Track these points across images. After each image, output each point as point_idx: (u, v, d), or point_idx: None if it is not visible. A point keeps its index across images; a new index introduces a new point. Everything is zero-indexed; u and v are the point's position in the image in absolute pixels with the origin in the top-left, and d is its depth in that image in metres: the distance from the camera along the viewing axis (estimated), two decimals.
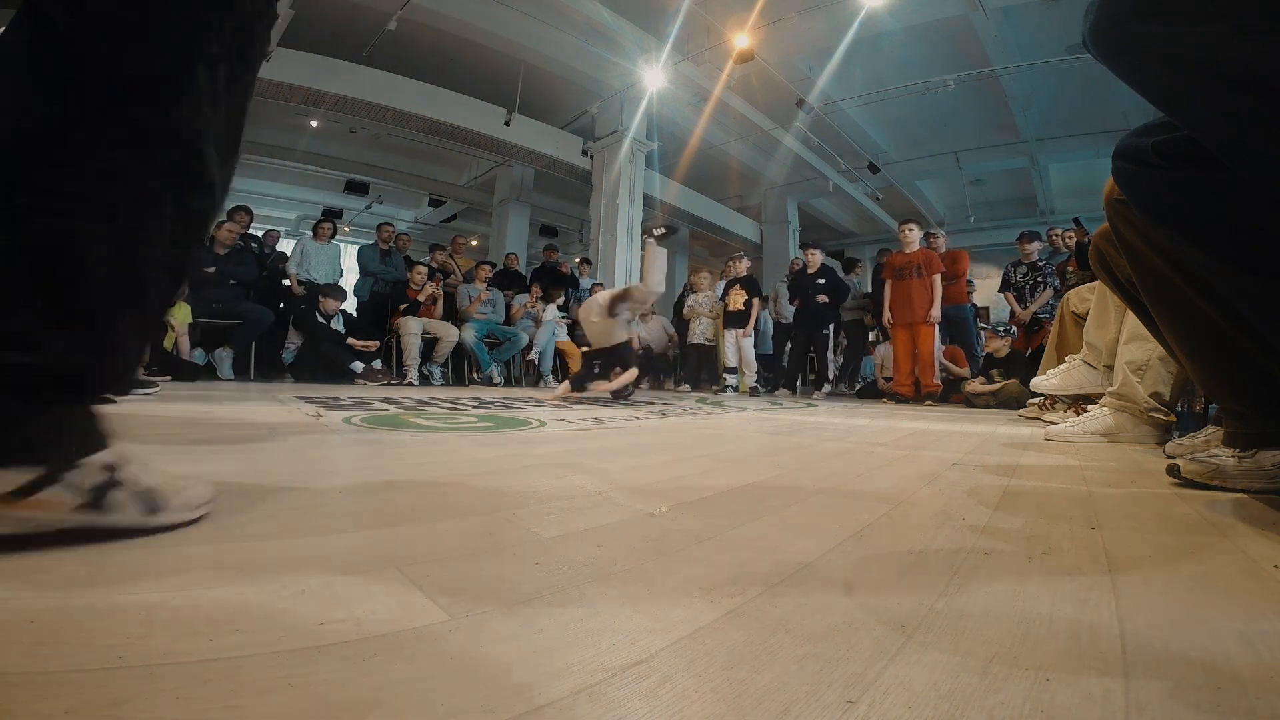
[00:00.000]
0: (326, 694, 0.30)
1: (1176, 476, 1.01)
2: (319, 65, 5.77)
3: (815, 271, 5.84)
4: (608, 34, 6.25)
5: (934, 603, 0.45)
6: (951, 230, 9.53)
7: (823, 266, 5.93)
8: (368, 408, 2.16)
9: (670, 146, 8.28)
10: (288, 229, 10.52)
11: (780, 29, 5.97)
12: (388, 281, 5.43)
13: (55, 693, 0.28)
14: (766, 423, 2.31)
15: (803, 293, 5.87)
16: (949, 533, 0.67)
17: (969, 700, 0.31)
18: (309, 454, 1.11)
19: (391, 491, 0.80)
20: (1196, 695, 0.32)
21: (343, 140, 8.12)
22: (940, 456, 1.38)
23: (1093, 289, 2.31)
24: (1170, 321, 1.01)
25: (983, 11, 5.59)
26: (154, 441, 1.18)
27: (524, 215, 9.17)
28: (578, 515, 0.71)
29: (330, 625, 0.38)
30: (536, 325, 5.69)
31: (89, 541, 0.49)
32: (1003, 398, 4.23)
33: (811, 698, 0.31)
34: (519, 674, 0.33)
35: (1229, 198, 0.67)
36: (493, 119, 6.94)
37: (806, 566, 0.54)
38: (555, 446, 1.35)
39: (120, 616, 0.37)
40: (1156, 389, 1.75)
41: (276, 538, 0.56)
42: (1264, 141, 0.55)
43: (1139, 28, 0.56)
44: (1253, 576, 0.54)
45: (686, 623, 0.41)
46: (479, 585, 0.46)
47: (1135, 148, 0.74)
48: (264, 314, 4.42)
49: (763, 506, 0.79)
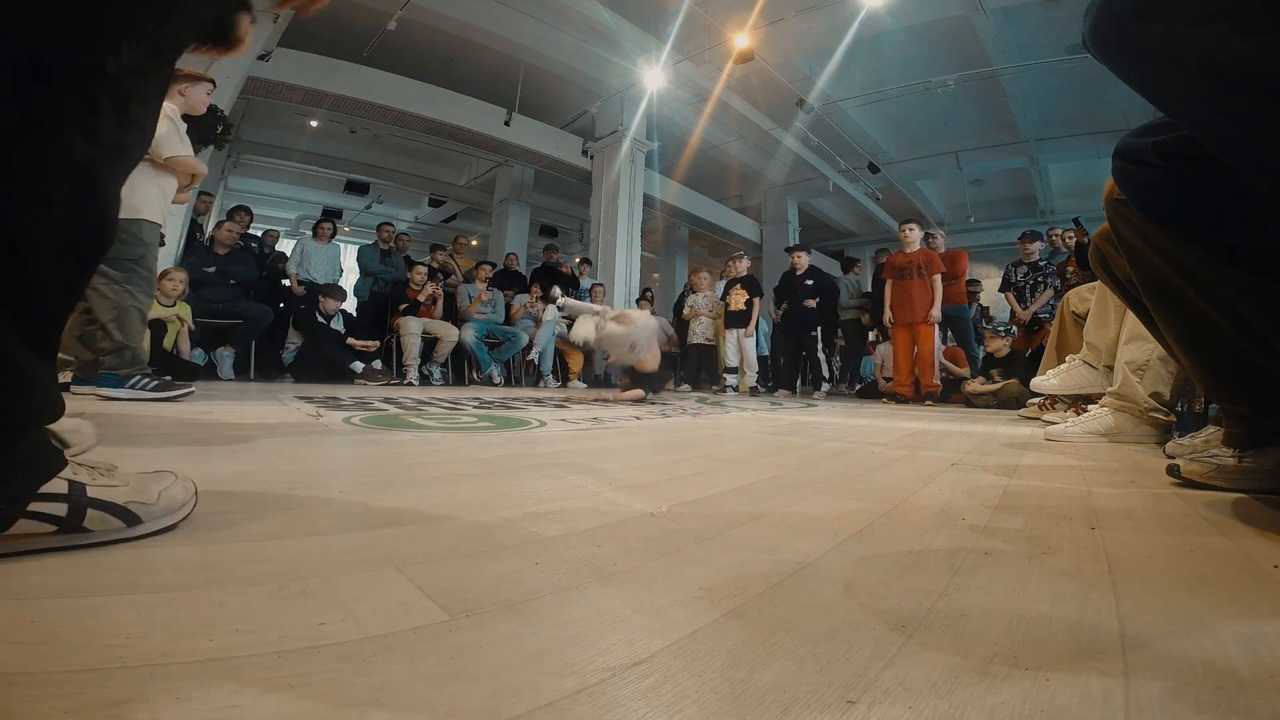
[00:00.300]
0: (326, 694, 0.30)
1: (1176, 476, 1.01)
2: (319, 65, 5.77)
3: (803, 273, 5.82)
4: (608, 34, 6.25)
5: (934, 603, 0.45)
6: (951, 230, 9.54)
7: (811, 268, 5.91)
8: (368, 408, 2.16)
9: (670, 146, 8.28)
10: (288, 229, 10.53)
11: (780, 29, 5.97)
12: (388, 281, 5.44)
13: (55, 693, 0.28)
14: (766, 423, 2.31)
15: (790, 295, 5.84)
16: (949, 533, 0.67)
17: (969, 700, 0.31)
18: (309, 454, 1.11)
19: (391, 491, 0.80)
20: (1196, 695, 0.32)
21: (343, 140, 8.12)
22: (940, 456, 1.38)
23: (1093, 289, 2.31)
24: (1170, 321, 1.01)
25: (983, 11, 5.59)
26: (154, 442, 1.18)
27: (524, 215, 9.17)
28: (578, 515, 0.71)
29: (330, 625, 0.38)
30: (536, 325, 5.69)
31: (86, 545, 0.49)
32: (1003, 398, 4.24)
33: (811, 698, 0.31)
34: (519, 674, 0.33)
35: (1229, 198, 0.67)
36: (493, 119, 6.94)
37: (806, 566, 0.54)
38: (555, 446, 1.35)
39: (120, 616, 0.37)
40: (1156, 389, 1.76)
41: (276, 538, 0.56)
42: (1264, 141, 0.55)
43: (1139, 28, 0.56)
44: (1253, 576, 0.54)
45: (686, 623, 0.41)
46: (479, 585, 0.46)
47: (1135, 148, 0.74)
48: (264, 314, 4.42)
49: (763, 506, 0.79)
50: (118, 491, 0.52)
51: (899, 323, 4.79)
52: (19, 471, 0.47)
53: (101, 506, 0.50)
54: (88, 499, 0.50)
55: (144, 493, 0.54)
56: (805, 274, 5.82)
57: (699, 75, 6.91)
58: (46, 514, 0.47)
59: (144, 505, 0.53)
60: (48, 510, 0.47)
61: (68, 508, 0.48)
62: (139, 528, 0.53)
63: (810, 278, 5.82)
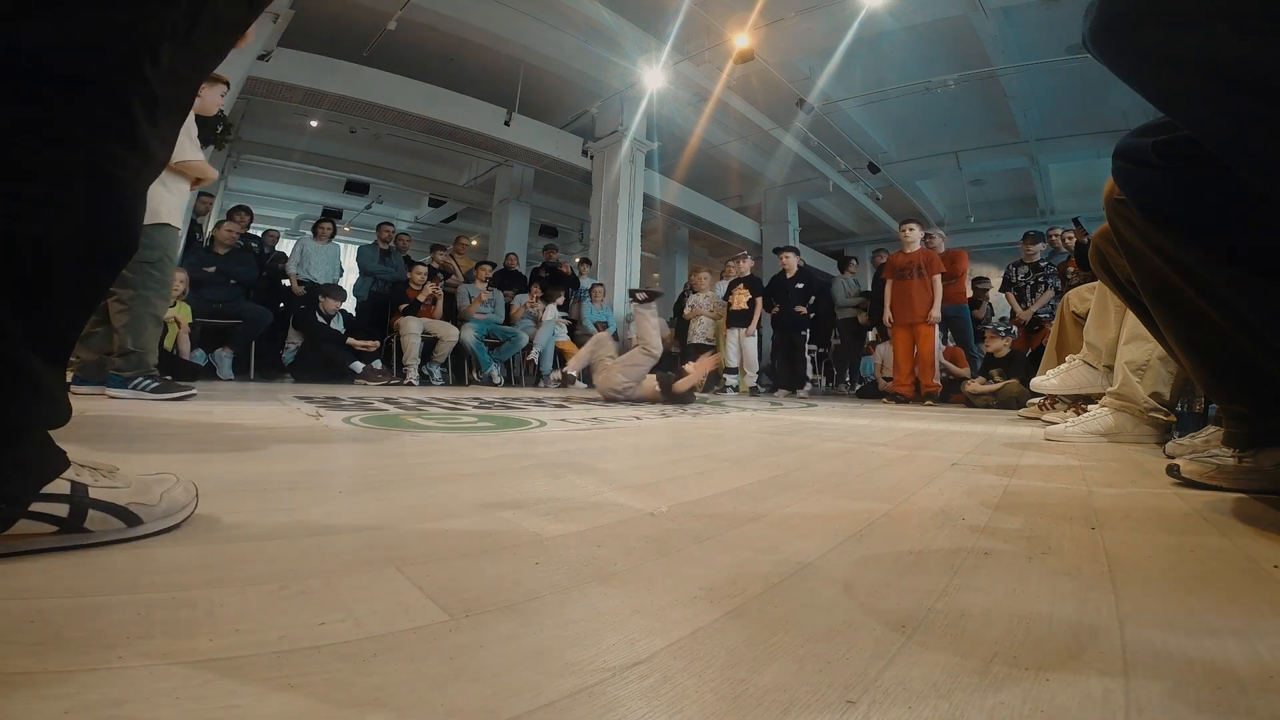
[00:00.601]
0: (326, 694, 0.30)
1: (1176, 476, 1.01)
2: (319, 65, 5.76)
3: (793, 276, 5.79)
4: (608, 34, 6.25)
5: (934, 603, 0.45)
6: (951, 230, 9.55)
7: (802, 270, 5.87)
8: (368, 408, 2.16)
9: (670, 146, 8.28)
10: (288, 229, 10.52)
11: (780, 29, 5.97)
12: (388, 281, 5.44)
13: (55, 693, 0.28)
14: (766, 423, 2.31)
15: (781, 297, 5.80)
16: (949, 533, 0.67)
17: (969, 700, 0.31)
18: (309, 454, 1.11)
19: (391, 491, 0.80)
20: (1196, 695, 0.32)
21: (343, 140, 8.11)
22: (940, 457, 1.38)
23: (1093, 289, 2.31)
24: (1170, 321, 1.01)
25: (983, 11, 5.59)
26: (154, 442, 1.18)
27: (524, 215, 9.17)
28: (578, 515, 0.71)
29: (330, 625, 0.38)
30: (536, 325, 5.69)
31: (86, 545, 0.49)
32: (1003, 398, 4.24)
33: (811, 698, 0.31)
34: (519, 674, 0.33)
35: (1229, 198, 0.67)
36: (493, 119, 6.94)
37: (806, 566, 0.54)
38: (555, 446, 1.35)
39: (120, 616, 0.37)
40: (1156, 389, 1.76)
41: (276, 538, 0.56)
42: (1264, 141, 0.55)
43: (1139, 28, 0.56)
44: (1253, 576, 0.54)
45: (686, 623, 0.41)
46: (479, 585, 0.46)
47: (1135, 148, 0.74)
48: (264, 314, 4.42)
49: (763, 506, 0.79)
50: (120, 493, 0.52)
51: (899, 323, 4.79)
52: (19, 472, 0.47)
53: (103, 508, 0.51)
54: (90, 500, 0.50)
55: (146, 494, 0.54)
56: (796, 276, 5.78)
57: (699, 75, 6.91)
58: (48, 514, 0.47)
59: (146, 506, 0.54)
60: (49, 510, 0.47)
61: (69, 508, 0.48)
62: (140, 528, 0.53)
63: (801, 279, 5.78)
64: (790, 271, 5.81)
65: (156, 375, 2.22)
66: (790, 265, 5.83)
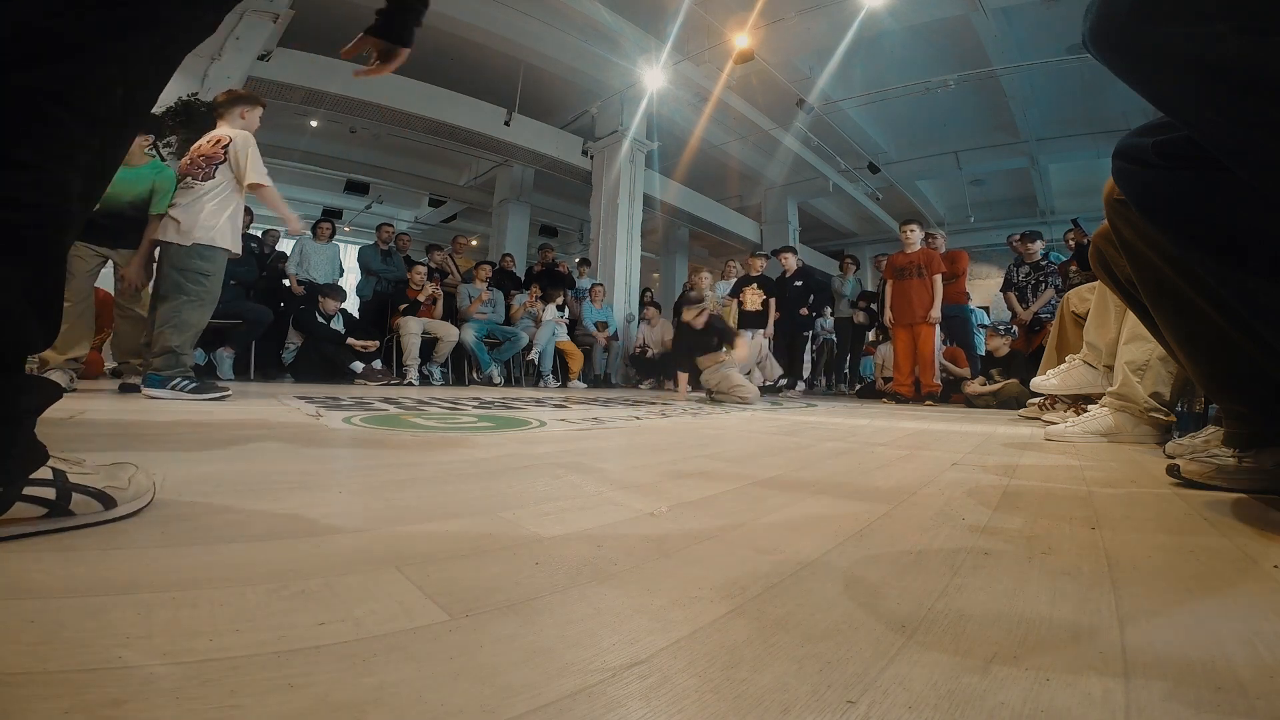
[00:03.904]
0: (326, 694, 0.30)
1: (1176, 476, 1.01)
2: (319, 65, 5.75)
3: (792, 275, 5.79)
4: (608, 34, 6.25)
5: (934, 603, 0.45)
6: (951, 230, 9.55)
7: (801, 269, 5.88)
8: (368, 408, 2.16)
9: (670, 146, 8.27)
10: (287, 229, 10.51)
11: (780, 29, 5.97)
12: (388, 281, 5.44)
13: (55, 693, 0.28)
14: (767, 423, 2.31)
15: (781, 297, 5.79)
16: (949, 533, 0.67)
17: (969, 700, 0.31)
18: (309, 454, 1.11)
19: (391, 491, 0.80)
20: (1196, 695, 0.32)
21: (343, 140, 8.12)
22: (940, 456, 1.38)
23: (1093, 289, 2.31)
24: (1170, 321, 1.01)
25: (983, 11, 5.59)
26: (155, 442, 1.18)
27: (524, 215, 9.17)
28: (578, 515, 0.71)
29: (330, 625, 0.38)
30: (536, 325, 5.69)
31: (86, 545, 0.49)
32: (1003, 398, 4.24)
33: (811, 698, 0.31)
34: (519, 674, 0.33)
35: (1229, 198, 0.66)
36: (493, 119, 6.94)
37: (806, 566, 0.54)
38: (555, 446, 1.35)
39: (120, 616, 0.37)
40: (1156, 389, 1.75)
41: (276, 538, 0.56)
42: (1264, 142, 0.55)
43: (1138, 28, 0.56)
44: (1253, 576, 0.54)
45: (686, 623, 0.41)
46: (479, 585, 0.46)
47: (1135, 148, 0.74)
48: (264, 314, 4.41)
49: (763, 506, 0.79)
50: (93, 478, 0.57)
51: (899, 323, 4.79)
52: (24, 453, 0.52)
53: (83, 491, 0.55)
54: (71, 484, 0.54)
55: (116, 479, 0.59)
56: (795, 275, 5.80)
57: (699, 75, 6.91)
58: (39, 498, 0.51)
59: (118, 490, 0.58)
60: (40, 494, 0.51)
61: (55, 492, 0.52)
62: (115, 510, 0.57)
63: (799, 278, 5.79)
64: (790, 271, 5.82)
65: (193, 375, 2.32)
66: (789, 264, 5.84)
